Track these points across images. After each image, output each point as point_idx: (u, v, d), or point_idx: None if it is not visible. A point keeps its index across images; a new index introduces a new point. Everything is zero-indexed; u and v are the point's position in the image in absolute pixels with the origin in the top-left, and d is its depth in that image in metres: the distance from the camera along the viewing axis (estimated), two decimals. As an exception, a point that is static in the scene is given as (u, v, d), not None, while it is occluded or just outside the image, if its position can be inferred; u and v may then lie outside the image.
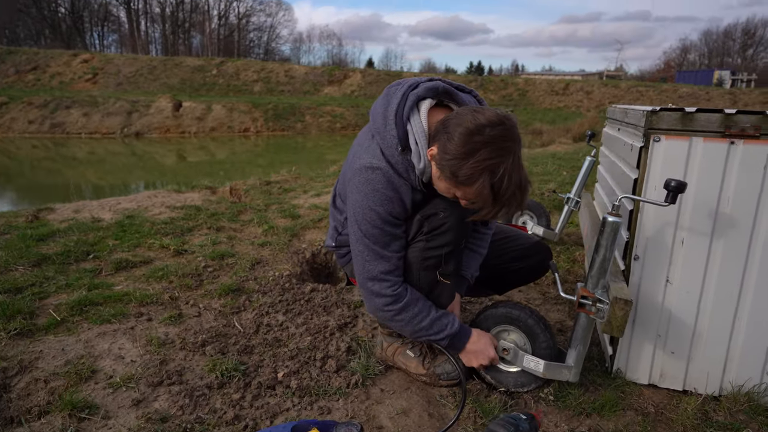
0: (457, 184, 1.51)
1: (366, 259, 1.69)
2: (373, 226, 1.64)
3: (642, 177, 1.84)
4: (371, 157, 1.64)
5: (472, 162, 1.43)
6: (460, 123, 1.47)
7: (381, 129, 1.64)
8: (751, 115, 1.71)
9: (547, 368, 1.80)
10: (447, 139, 1.48)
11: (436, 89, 1.66)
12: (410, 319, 1.73)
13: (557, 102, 28.32)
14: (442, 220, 1.69)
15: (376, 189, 1.62)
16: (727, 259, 1.80)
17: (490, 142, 1.43)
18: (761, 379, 1.84)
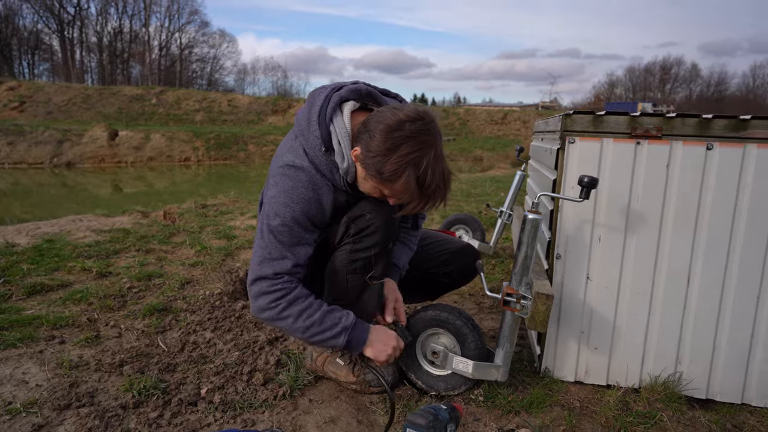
0: (383, 181, 1.51)
1: (265, 255, 1.60)
2: (283, 223, 1.57)
3: (560, 177, 1.92)
4: (294, 156, 1.62)
5: (395, 157, 1.45)
6: (381, 120, 1.49)
7: (304, 130, 1.62)
8: (654, 117, 1.83)
9: (475, 369, 1.80)
10: (369, 137, 1.49)
11: (359, 91, 1.66)
12: (298, 315, 1.60)
13: (496, 131, 29.46)
14: (369, 221, 1.67)
15: (295, 186, 1.58)
16: (639, 253, 1.88)
17: (411, 136, 1.45)
18: (675, 368, 1.91)
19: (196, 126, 28.55)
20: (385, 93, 1.76)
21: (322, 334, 1.64)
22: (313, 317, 1.62)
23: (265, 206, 1.63)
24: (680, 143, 1.81)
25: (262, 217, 1.64)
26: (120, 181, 18.36)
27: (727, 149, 1.78)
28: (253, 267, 1.64)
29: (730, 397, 1.89)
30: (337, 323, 1.65)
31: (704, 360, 1.89)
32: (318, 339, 1.65)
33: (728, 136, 1.77)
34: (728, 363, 1.87)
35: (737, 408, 1.86)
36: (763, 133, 1.76)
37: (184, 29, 52.57)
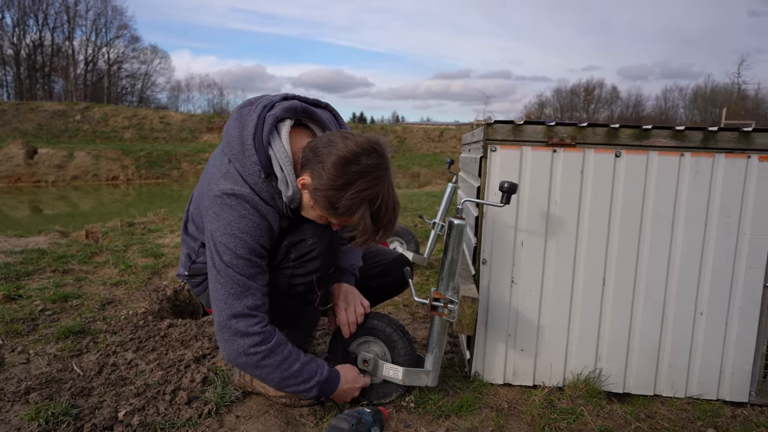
0: (336, 215, 1.49)
1: (230, 293, 1.49)
2: (238, 256, 1.49)
3: (483, 184, 1.98)
4: (232, 183, 1.52)
5: (350, 193, 1.42)
6: (332, 152, 1.43)
7: (239, 155, 1.53)
8: (568, 127, 1.93)
9: (405, 375, 1.81)
10: (321, 168, 1.43)
11: (294, 109, 1.59)
12: (279, 364, 1.55)
13: (434, 148, 30.18)
14: (311, 246, 1.64)
15: (241, 215, 1.49)
16: (559, 256, 1.97)
17: (367, 171, 1.42)
18: (595, 365, 2.00)
19: (126, 144, 27.31)
20: (315, 104, 1.74)
21: (296, 386, 1.60)
22: (291, 368, 1.57)
23: (211, 240, 1.52)
24: (592, 151, 1.92)
25: (211, 253, 1.52)
26: (39, 201, 17.18)
27: (633, 156, 1.91)
28: (219, 308, 1.52)
29: (643, 389, 2.00)
30: (312, 376, 1.61)
31: (620, 356, 2.00)
32: (290, 389, 1.61)
33: (633, 144, 1.90)
34: (641, 358, 1.98)
35: (650, 399, 1.96)
36: (663, 141, 1.90)
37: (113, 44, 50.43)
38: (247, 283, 1.50)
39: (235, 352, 1.51)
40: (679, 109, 49.44)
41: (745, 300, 1.92)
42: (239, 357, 1.52)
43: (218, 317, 1.51)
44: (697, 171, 1.89)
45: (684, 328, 1.96)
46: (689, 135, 1.89)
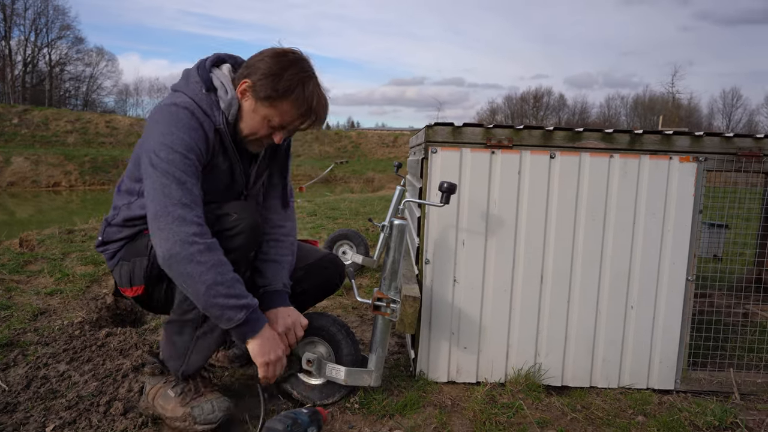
0: (277, 98, 1.56)
1: (166, 184, 1.48)
2: (175, 150, 1.50)
3: (425, 185, 2.01)
4: (173, 98, 1.60)
5: (287, 75, 1.56)
6: (265, 53, 1.61)
7: (183, 85, 1.64)
8: (505, 129, 1.99)
9: (348, 375, 1.81)
10: (260, 63, 1.59)
11: (232, 57, 1.75)
12: (215, 264, 1.47)
13: (388, 153, 30.40)
14: (234, 222, 1.59)
15: (179, 119, 1.54)
16: (499, 255, 2.03)
17: (296, 62, 1.60)
18: (535, 360, 2.06)
19: (69, 148, 26.10)
20: None
21: (226, 299, 1.49)
22: (226, 275, 1.49)
23: (150, 145, 1.53)
24: (528, 152, 1.99)
25: (149, 160, 1.51)
26: (-28, 209, 16.16)
27: (567, 157, 1.99)
28: (158, 200, 1.48)
29: (580, 381, 2.07)
30: (244, 296, 1.54)
31: (558, 351, 2.07)
32: (219, 302, 1.49)
33: (567, 146, 1.98)
34: (578, 352, 2.06)
35: (587, 391, 2.04)
36: (594, 143, 1.99)
37: (55, 45, 48.14)
38: (185, 178, 1.50)
39: (173, 239, 1.44)
40: (621, 117, 51.81)
41: (670, 293, 2.03)
42: (176, 245, 1.44)
43: (155, 207, 1.48)
44: (625, 171, 1.99)
45: (616, 322, 2.05)
46: (617, 137, 1.98)
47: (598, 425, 1.80)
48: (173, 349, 1.70)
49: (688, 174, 1.99)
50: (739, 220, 3.45)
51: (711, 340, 2.17)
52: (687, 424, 1.78)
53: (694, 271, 2.04)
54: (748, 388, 2.05)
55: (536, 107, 52.78)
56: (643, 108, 49.25)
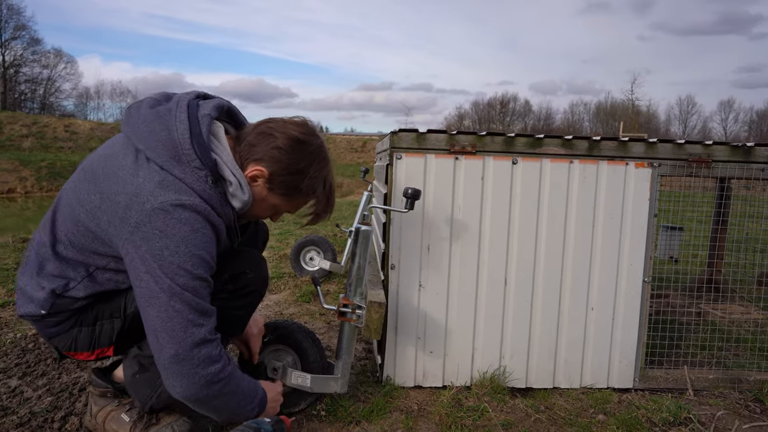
0: (298, 196, 1.48)
1: (188, 319, 1.28)
2: (196, 276, 1.29)
3: (390, 191, 2.02)
4: (176, 193, 1.30)
5: (311, 172, 1.44)
6: (278, 133, 1.41)
7: (173, 161, 1.33)
8: (468, 135, 2.02)
9: (314, 382, 1.79)
10: (279, 153, 1.40)
11: (222, 108, 1.48)
12: (237, 386, 1.39)
13: (357, 158, 30.41)
14: (250, 280, 1.57)
15: (196, 230, 1.30)
16: (464, 260, 2.05)
17: (318, 152, 1.46)
18: (500, 363, 2.09)
19: (24, 153, 25.12)
20: None
21: (244, 407, 1.43)
22: (244, 389, 1.42)
23: (152, 264, 1.27)
24: (491, 158, 2.02)
25: (155, 280, 1.27)
26: None
27: (529, 163, 2.03)
28: (178, 341, 1.27)
29: (543, 383, 2.11)
30: (255, 393, 1.46)
31: (522, 353, 2.10)
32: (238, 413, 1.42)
33: (528, 152, 2.03)
34: (541, 354, 2.10)
35: (550, 392, 2.08)
36: (554, 150, 2.04)
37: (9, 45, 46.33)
38: (206, 306, 1.33)
39: (200, 383, 1.30)
40: (585, 123, 53.24)
41: (628, 294, 2.09)
42: (205, 388, 1.31)
43: (175, 349, 1.28)
44: (584, 177, 2.05)
45: (577, 323, 2.10)
46: (576, 143, 2.04)
47: (561, 425, 1.83)
48: (144, 377, 1.55)
49: (644, 179, 2.06)
50: (693, 222, 3.59)
51: (667, 339, 2.24)
52: (644, 421, 1.84)
53: (650, 273, 2.11)
54: (701, 384, 2.13)
55: (503, 113, 53.75)
56: (605, 114, 50.76)
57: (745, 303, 3.31)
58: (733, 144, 2.10)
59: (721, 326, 2.86)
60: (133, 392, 1.59)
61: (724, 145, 2.10)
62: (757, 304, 3.28)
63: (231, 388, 1.36)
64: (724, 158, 2.09)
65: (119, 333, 1.50)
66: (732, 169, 2.10)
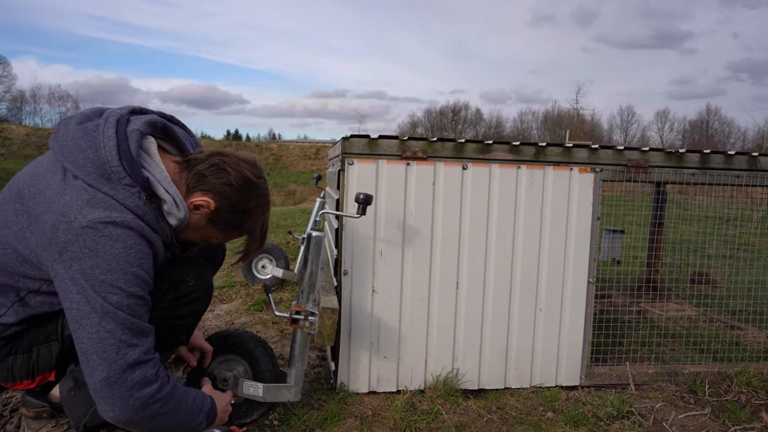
0: (232, 232, 1.49)
1: (121, 340, 1.23)
2: (130, 294, 1.25)
3: (342, 196, 2.02)
4: (106, 210, 1.25)
5: (256, 213, 1.48)
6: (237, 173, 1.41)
7: (101, 178, 1.28)
8: (419, 141, 2.05)
9: (266, 391, 1.76)
10: (229, 190, 1.40)
11: (155, 124, 1.44)
12: (177, 405, 1.33)
13: (310, 165, 30.21)
14: (192, 288, 1.53)
15: (129, 246, 1.26)
16: (416, 264, 2.07)
17: (264, 193, 1.50)
18: (453, 366, 2.12)
19: (-49, 160, 23.48)
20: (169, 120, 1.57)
21: (189, 423, 1.38)
22: (187, 406, 1.36)
23: (83, 284, 1.22)
24: (442, 164, 2.06)
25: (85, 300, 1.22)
26: None
27: (478, 169, 2.08)
28: (109, 363, 1.22)
29: (495, 384, 2.16)
30: (201, 408, 1.41)
31: (474, 355, 2.14)
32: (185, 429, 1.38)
33: (478, 158, 2.08)
34: (492, 355, 2.15)
35: (501, 392, 2.13)
36: (503, 155, 2.09)
37: (-67, 45, 43.27)
38: (141, 325, 1.28)
39: (134, 407, 1.24)
40: (533, 131, 55.00)
41: (574, 295, 2.17)
42: (140, 411, 1.25)
43: (106, 372, 1.22)
44: (531, 182, 2.11)
45: (527, 324, 2.16)
46: (523, 149, 2.10)
47: (512, 424, 1.87)
48: (79, 394, 1.47)
49: (587, 183, 2.15)
50: (633, 226, 3.77)
51: (610, 337, 2.34)
52: (590, 416, 1.91)
53: (594, 274, 2.20)
54: (642, 379, 2.23)
55: (454, 121, 54.78)
56: (552, 123, 52.62)
57: (680, 300, 3.50)
58: (668, 150, 2.23)
59: (659, 323, 3.01)
60: (68, 410, 1.51)
61: (659, 151, 2.22)
62: (691, 301, 3.47)
63: (170, 407, 1.30)
64: (659, 164, 2.21)
65: (59, 356, 1.44)
66: (666, 173, 2.22)
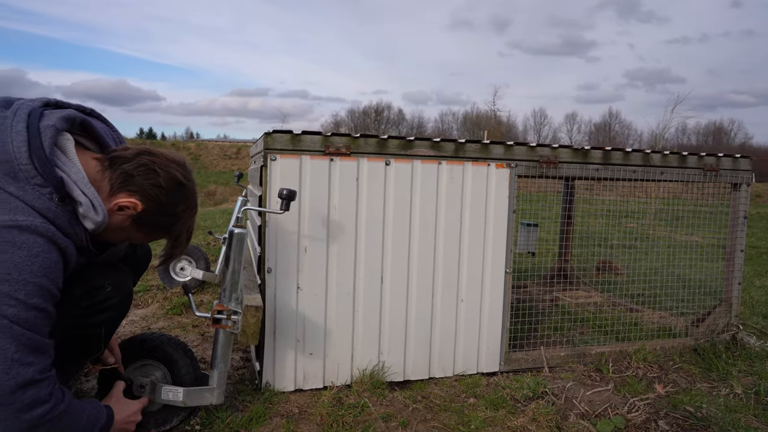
0: (157, 234, 1.43)
1: (13, 359, 1.12)
2: (30, 307, 1.14)
3: (265, 192, 1.98)
4: (11, 213, 1.15)
5: (185, 217, 1.43)
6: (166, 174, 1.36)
7: (8, 178, 1.18)
8: (343, 137, 2.06)
9: (187, 396, 1.69)
10: (158, 192, 1.34)
11: (72, 120, 1.32)
12: (69, 424, 1.25)
13: (231, 165, 29.26)
14: (109, 294, 1.46)
15: (35, 254, 1.16)
16: (341, 259, 2.08)
17: (191, 197, 1.45)
18: (379, 359, 2.15)
19: None
20: (89, 113, 1.47)
21: None
22: (80, 423, 1.28)
23: None
24: (365, 160, 2.08)
25: None
26: None
27: (401, 164, 2.12)
28: None
29: (420, 374, 2.21)
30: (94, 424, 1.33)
31: (399, 347, 2.18)
32: None
33: (400, 154, 2.12)
34: (417, 346, 2.20)
35: (426, 382, 2.19)
36: (424, 151, 2.15)
37: None
38: (39, 341, 1.17)
39: (22, 428, 1.16)
40: (454, 131, 56.77)
41: (493, 285, 2.28)
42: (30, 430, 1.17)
43: None
44: (452, 177, 2.19)
45: (449, 315, 2.23)
46: (444, 146, 2.17)
47: (437, 412, 1.93)
48: None
49: (503, 179, 2.26)
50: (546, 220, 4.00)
51: (527, 324, 2.48)
52: (509, 399, 2.01)
53: (511, 265, 2.31)
54: (555, 362, 2.38)
55: (377, 121, 55.33)
56: (471, 123, 54.57)
57: (588, 288, 3.77)
58: (575, 147, 2.39)
59: (570, 309, 3.23)
60: None
61: (568, 148, 2.38)
62: (597, 288, 3.75)
63: (62, 425, 1.23)
64: (568, 159, 2.37)
65: None
66: (574, 169, 2.38)
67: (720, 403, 2.05)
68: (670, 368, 2.41)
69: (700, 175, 2.62)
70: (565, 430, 1.81)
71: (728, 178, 2.68)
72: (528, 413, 1.89)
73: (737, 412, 1.98)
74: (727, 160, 2.67)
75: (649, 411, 1.97)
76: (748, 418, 1.94)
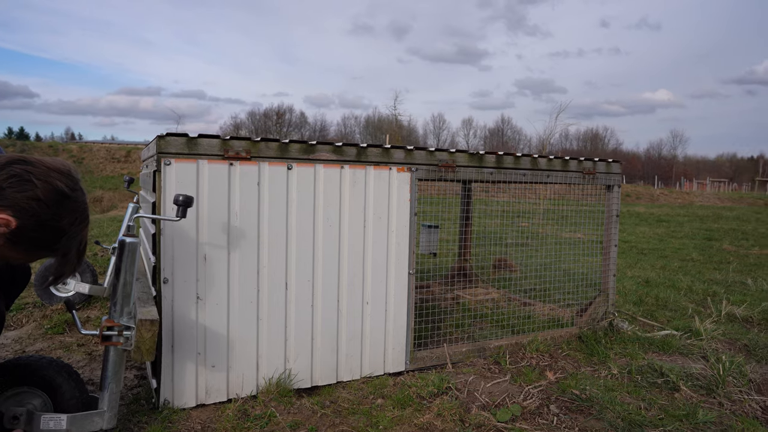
0: (40, 253, 1.26)
1: None
2: None
3: (159, 199, 1.87)
4: None
5: (71, 231, 1.27)
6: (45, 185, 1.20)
7: None
8: (243, 141, 2.00)
9: (72, 423, 1.54)
10: (36, 206, 1.19)
11: None
12: None
13: (120, 169, 27.16)
14: None
15: None
16: (244, 267, 2.01)
17: (79, 208, 1.29)
18: (285, 367, 2.11)
19: None
20: None
21: None
22: None
23: None
24: (267, 164, 2.03)
25: None
26: None
27: (303, 169, 2.10)
28: None
29: (327, 379, 2.21)
30: None
31: (306, 354, 2.16)
32: None
33: (302, 158, 2.10)
34: (324, 351, 2.19)
35: (334, 386, 2.19)
36: (326, 155, 2.15)
37: None
38: None
39: None
40: (356, 135, 57.27)
41: (397, 286, 2.33)
42: None
43: None
44: (354, 181, 2.21)
45: (355, 319, 2.25)
46: (346, 150, 2.19)
47: (345, 415, 1.94)
48: None
49: (404, 182, 2.32)
50: (447, 221, 4.17)
51: (430, 322, 2.56)
52: (415, 397, 2.07)
53: (414, 266, 2.38)
54: (458, 358, 2.49)
55: (279, 123, 54.31)
56: (373, 127, 55.40)
57: (486, 285, 3.98)
58: (471, 152, 2.52)
59: (470, 306, 3.39)
60: None
61: (464, 152, 2.50)
62: (494, 285, 3.98)
63: None
64: (464, 164, 2.48)
65: None
66: (471, 172, 2.51)
67: (600, 384, 2.27)
68: (559, 356, 2.61)
69: (580, 177, 2.87)
70: (468, 422, 1.90)
71: (603, 181, 2.97)
72: (433, 409, 1.95)
73: (614, 391, 2.20)
74: (602, 164, 2.96)
75: (542, 397, 2.12)
76: (622, 395, 2.16)
